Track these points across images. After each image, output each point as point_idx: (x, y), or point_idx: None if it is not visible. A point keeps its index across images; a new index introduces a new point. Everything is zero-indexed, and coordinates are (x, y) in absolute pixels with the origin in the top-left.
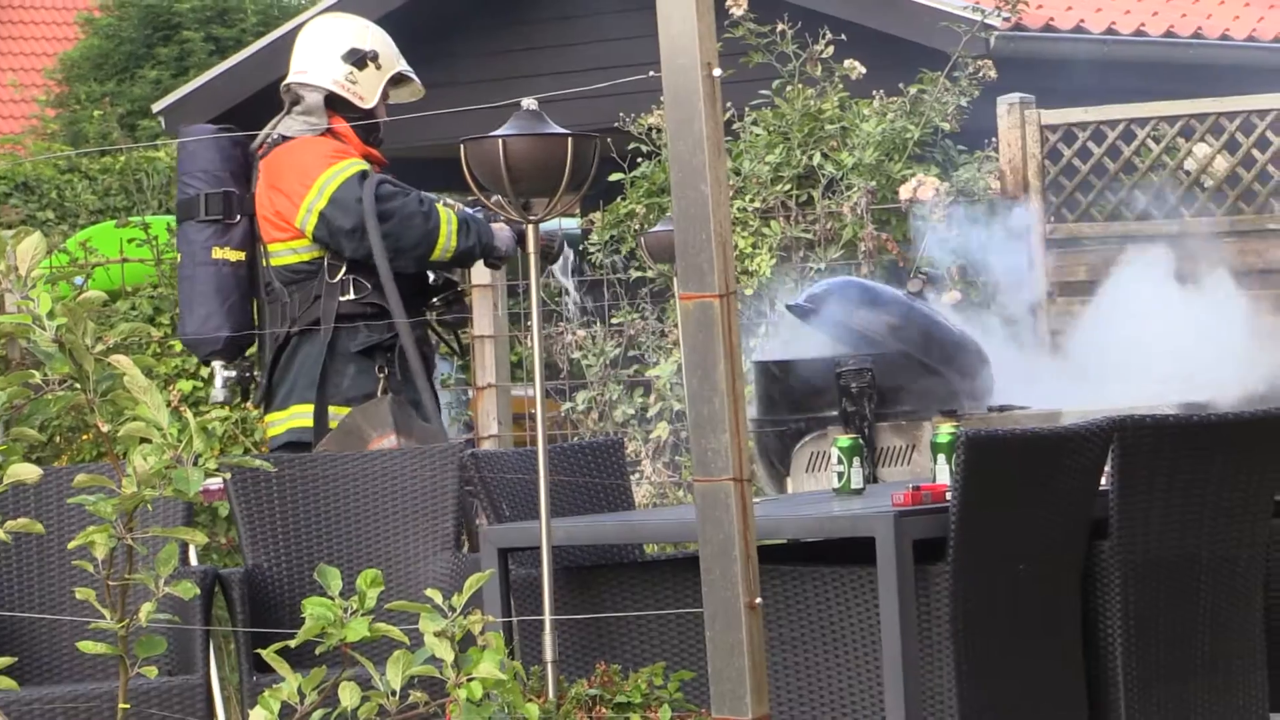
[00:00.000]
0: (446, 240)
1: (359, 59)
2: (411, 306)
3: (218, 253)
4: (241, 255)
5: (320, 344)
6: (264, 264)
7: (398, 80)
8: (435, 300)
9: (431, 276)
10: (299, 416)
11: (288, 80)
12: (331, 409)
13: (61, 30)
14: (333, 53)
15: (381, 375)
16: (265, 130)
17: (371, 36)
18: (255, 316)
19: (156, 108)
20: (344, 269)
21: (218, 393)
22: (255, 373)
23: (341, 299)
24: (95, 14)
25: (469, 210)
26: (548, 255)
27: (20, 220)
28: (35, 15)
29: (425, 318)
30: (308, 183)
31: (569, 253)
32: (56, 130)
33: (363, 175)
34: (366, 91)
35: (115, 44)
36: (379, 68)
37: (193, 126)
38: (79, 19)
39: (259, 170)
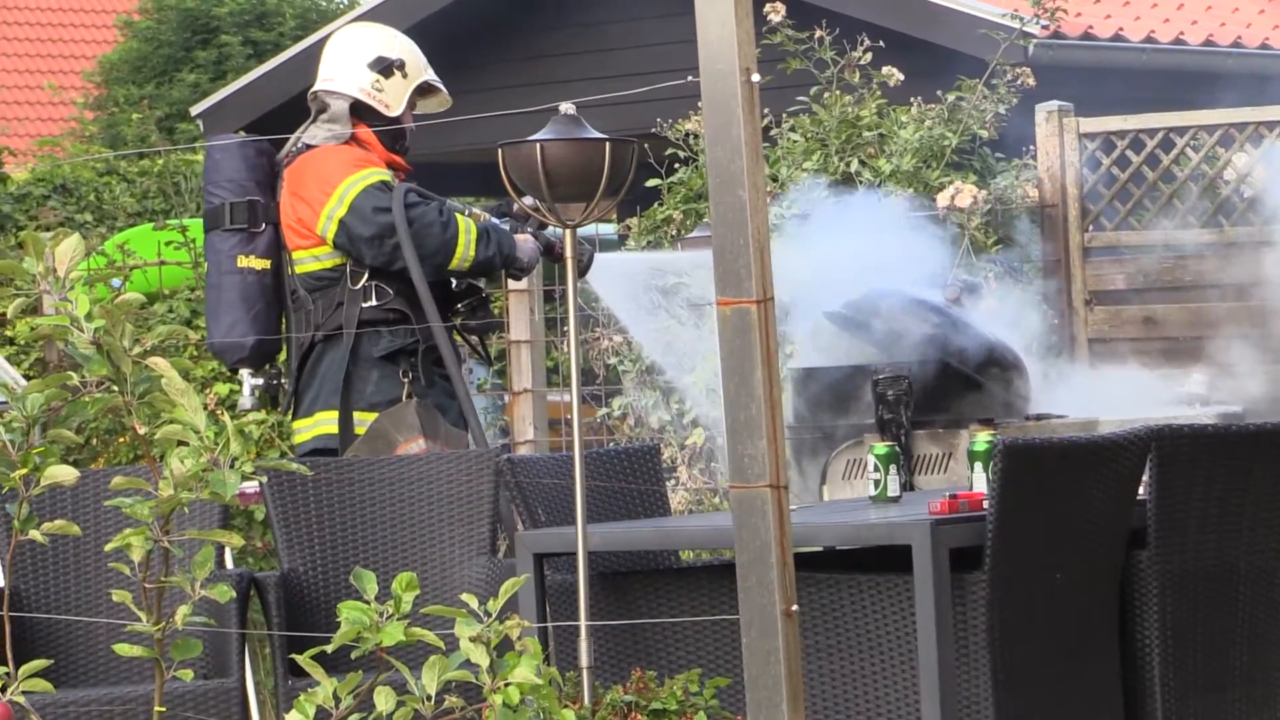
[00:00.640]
0: (465, 250)
1: (385, 67)
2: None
3: (243, 261)
4: (266, 263)
5: (343, 350)
6: (289, 272)
7: (426, 90)
8: (460, 306)
9: (454, 283)
10: (324, 423)
11: (314, 88)
12: (356, 415)
13: (100, 33)
14: (359, 61)
15: (405, 380)
16: (292, 139)
17: (399, 45)
18: (283, 324)
19: (195, 111)
20: (366, 276)
21: (245, 401)
22: (283, 380)
23: (364, 305)
24: (134, 17)
25: (493, 220)
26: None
27: (59, 222)
28: (74, 18)
29: (451, 324)
30: (329, 190)
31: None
32: (95, 133)
33: (384, 184)
34: (392, 100)
35: (154, 47)
36: (405, 76)
37: (217, 136)
38: (118, 22)
39: (283, 178)
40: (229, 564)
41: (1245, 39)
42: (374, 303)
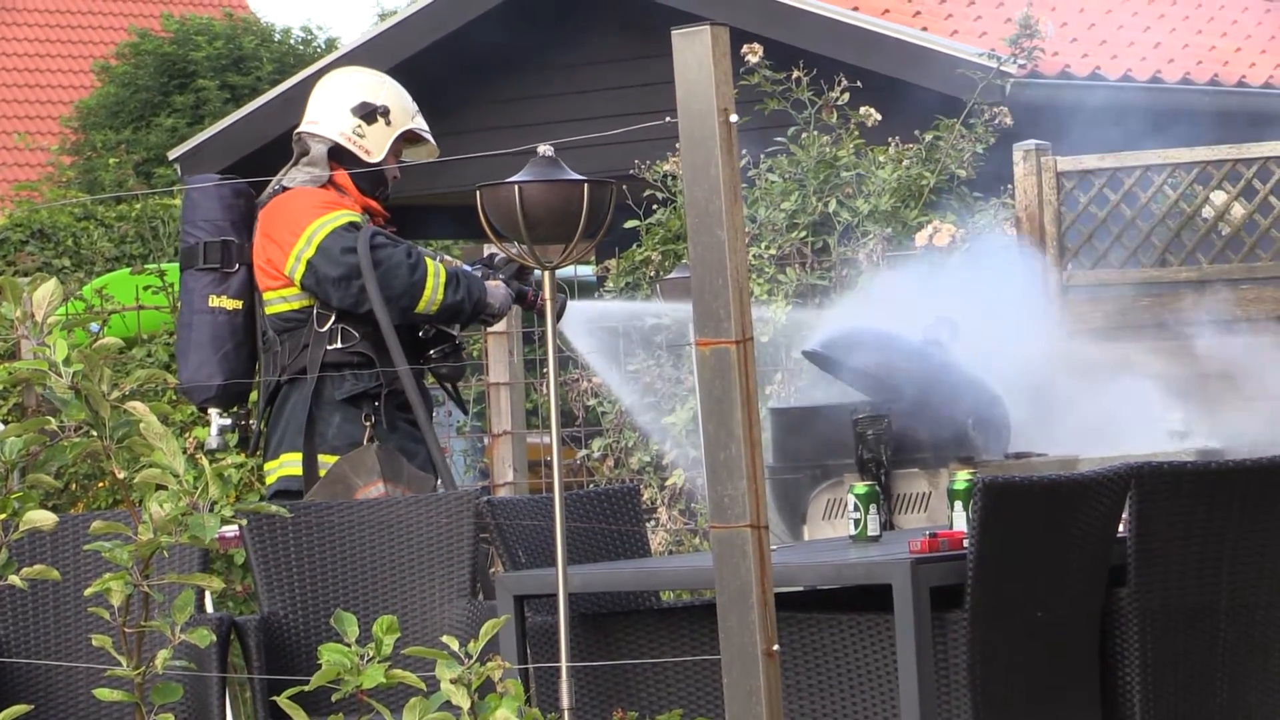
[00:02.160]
0: (432, 293)
1: (368, 113)
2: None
3: (214, 301)
4: (238, 304)
5: (306, 392)
6: (260, 313)
7: (413, 138)
8: (432, 353)
9: (422, 331)
10: (288, 465)
11: (298, 130)
12: (320, 457)
13: (78, 78)
14: (343, 105)
15: (368, 424)
16: (274, 180)
17: (385, 92)
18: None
19: (172, 155)
20: (333, 318)
21: (211, 440)
22: (250, 421)
23: (329, 347)
24: (111, 62)
25: (464, 267)
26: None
27: (36, 267)
28: (51, 64)
29: (419, 366)
30: (297, 231)
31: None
32: (72, 178)
33: (353, 225)
34: (374, 146)
35: (131, 92)
36: (389, 124)
37: (196, 176)
38: (95, 67)
39: (258, 219)
40: (209, 608)
41: (1222, 76)
42: (339, 345)
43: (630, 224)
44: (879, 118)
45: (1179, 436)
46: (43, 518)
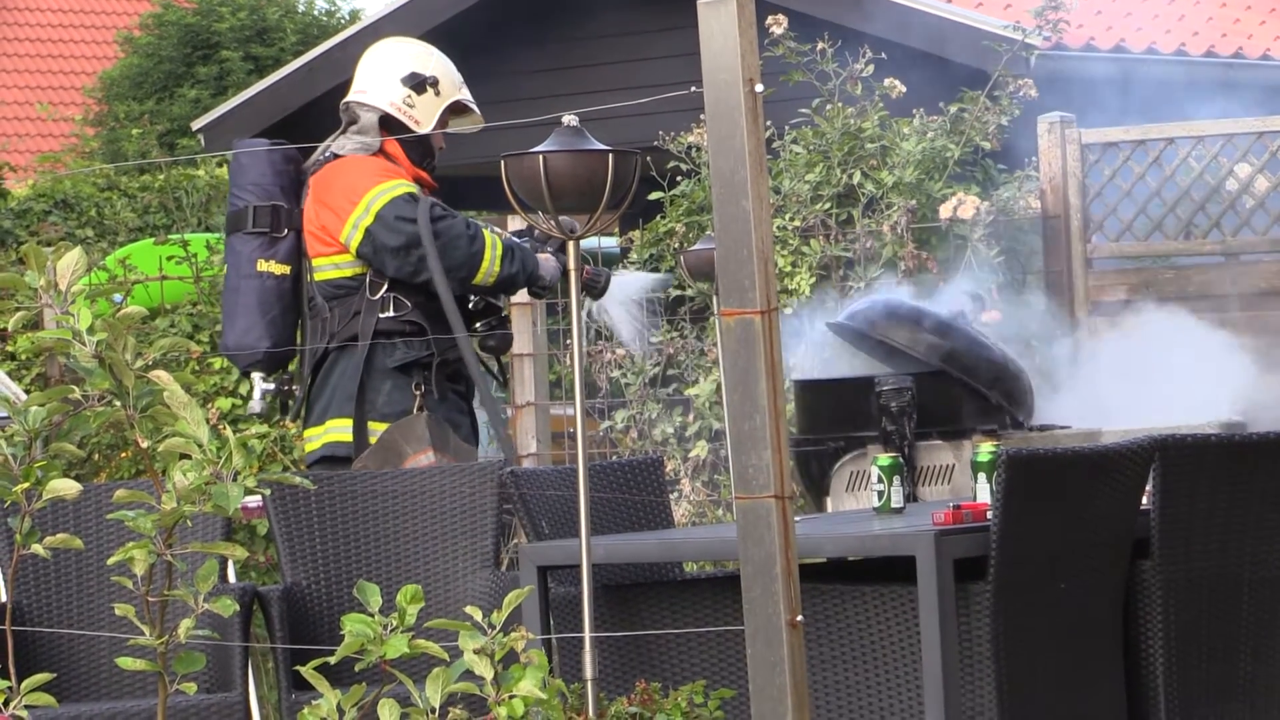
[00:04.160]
0: (490, 265)
1: (418, 83)
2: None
3: (262, 265)
4: (286, 269)
5: (357, 360)
6: (308, 279)
7: (459, 109)
8: (478, 325)
9: (472, 303)
10: (335, 431)
11: (347, 99)
12: (370, 425)
13: (101, 49)
14: (393, 75)
15: (418, 392)
16: (321, 148)
17: (434, 63)
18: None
19: (195, 126)
20: (385, 286)
21: (254, 405)
22: (293, 387)
23: (381, 315)
24: (135, 33)
25: (515, 238)
26: (593, 289)
27: (60, 237)
28: (75, 34)
29: (470, 334)
30: (355, 199)
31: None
32: (96, 148)
33: (411, 195)
34: (423, 116)
35: (155, 63)
36: (438, 94)
37: (244, 140)
38: (119, 38)
39: (308, 186)
40: (231, 578)
41: (1246, 50)
42: (391, 314)
43: (654, 195)
44: (904, 90)
45: (1203, 409)
46: (66, 487)
